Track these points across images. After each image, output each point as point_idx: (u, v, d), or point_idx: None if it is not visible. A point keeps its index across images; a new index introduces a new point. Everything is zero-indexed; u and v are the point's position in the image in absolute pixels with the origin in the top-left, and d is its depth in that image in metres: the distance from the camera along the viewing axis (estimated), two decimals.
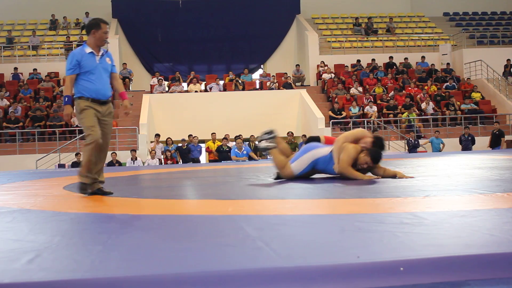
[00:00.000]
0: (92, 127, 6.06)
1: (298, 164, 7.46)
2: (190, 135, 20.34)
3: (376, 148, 7.18)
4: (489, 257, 2.58)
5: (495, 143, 20.53)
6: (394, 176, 7.06)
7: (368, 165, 7.10)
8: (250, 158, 18.42)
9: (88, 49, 6.24)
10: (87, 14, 29.02)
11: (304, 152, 7.53)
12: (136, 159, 18.78)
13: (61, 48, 27.25)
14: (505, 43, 29.32)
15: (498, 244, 2.81)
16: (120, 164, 18.63)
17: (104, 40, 6.35)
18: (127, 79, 25.54)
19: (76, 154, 18.73)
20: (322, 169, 7.47)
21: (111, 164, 18.42)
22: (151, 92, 24.80)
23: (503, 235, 3.01)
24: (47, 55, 27.03)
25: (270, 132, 7.79)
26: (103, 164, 6.36)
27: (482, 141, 21.11)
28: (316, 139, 8.15)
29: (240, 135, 19.84)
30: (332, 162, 7.27)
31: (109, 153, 19.04)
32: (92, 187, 6.16)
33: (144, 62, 29.70)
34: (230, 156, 18.82)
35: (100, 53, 6.30)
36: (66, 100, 6.14)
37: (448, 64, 27.31)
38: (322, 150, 7.44)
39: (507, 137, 21.26)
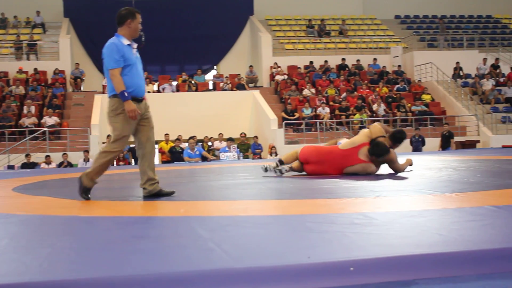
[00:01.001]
0: (125, 138, 5.65)
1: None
2: None
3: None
4: (437, 257, 2.62)
5: (445, 144, 20.86)
6: None
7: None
8: (203, 159, 18.36)
9: (126, 41, 5.64)
10: (38, 13, 28.59)
11: None
12: (88, 160, 18.56)
13: (11, 47, 26.77)
14: (454, 46, 29.85)
15: (445, 244, 2.86)
16: (71, 165, 18.39)
17: (138, 32, 5.76)
18: (78, 79, 25.26)
19: (26, 155, 18.44)
20: None
21: (61, 165, 18.20)
22: (103, 92, 24.50)
23: (451, 235, 3.06)
24: None
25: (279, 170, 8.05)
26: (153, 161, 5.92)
27: (432, 142, 21.44)
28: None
29: (194, 136, 19.77)
30: None
31: (60, 154, 18.86)
32: (154, 189, 5.70)
33: (96, 62, 29.31)
34: (183, 157, 18.73)
35: (135, 46, 5.76)
36: (125, 95, 5.43)
37: (399, 66, 27.67)
38: None
39: (456, 138, 21.63)
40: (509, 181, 6.07)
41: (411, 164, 8.02)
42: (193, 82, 25.33)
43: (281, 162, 8.08)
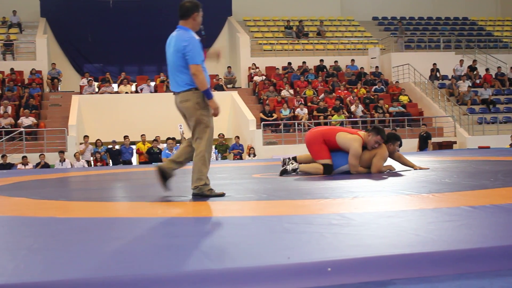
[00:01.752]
0: (212, 129, 5.57)
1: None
2: (126, 137, 20.11)
3: (378, 126, 8.08)
4: (414, 257, 2.64)
5: (422, 145, 20.98)
6: (411, 167, 8.36)
7: (379, 143, 7.89)
8: None
9: (195, 35, 5.54)
10: (14, 12, 28.35)
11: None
12: (64, 160, 18.44)
13: None
14: (432, 47, 30.05)
15: (422, 244, 2.87)
16: (48, 166, 18.26)
17: (200, 25, 5.71)
18: (55, 80, 25.07)
19: (3, 156, 18.27)
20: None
21: (38, 165, 18.06)
22: (81, 93, 24.40)
23: (428, 235, 3.08)
24: None
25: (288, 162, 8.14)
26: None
27: (410, 143, 21.56)
28: None
29: (174, 137, 19.74)
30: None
31: (37, 154, 18.72)
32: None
33: (73, 63, 29.16)
34: (161, 158, 18.67)
35: None
36: (211, 93, 5.43)
37: (377, 67, 27.81)
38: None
39: (433, 139, 21.80)
40: (485, 181, 6.12)
41: (391, 170, 8.07)
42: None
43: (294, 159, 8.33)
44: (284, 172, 7.98)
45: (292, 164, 8.01)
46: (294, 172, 8.00)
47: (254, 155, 19.90)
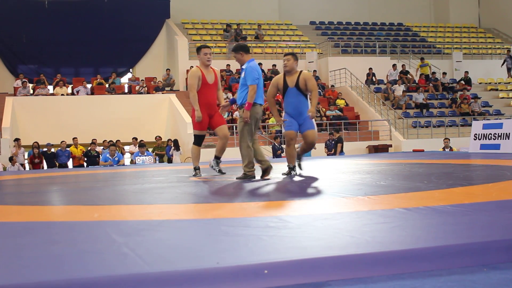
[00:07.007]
0: None
1: None
2: (63, 141, 19.76)
3: None
4: (349, 258, 2.67)
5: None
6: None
7: None
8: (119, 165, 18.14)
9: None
10: None
11: None
12: None
13: None
14: (368, 52, 30.53)
15: (357, 246, 2.92)
16: None
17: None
18: None
19: None
20: None
21: None
22: (15, 94, 23.89)
23: (363, 237, 3.13)
24: None
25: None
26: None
27: (346, 146, 21.79)
28: None
29: (116, 141, 19.51)
30: None
31: None
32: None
33: (7, 63, 28.52)
34: (99, 161, 18.45)
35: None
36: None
37: (314, 71, 28.04)
38: None
39: (369, 143, 22.08)
40: (419, 184, 6.24)
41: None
42: (111, 86, 24.91)
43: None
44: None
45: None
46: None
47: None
